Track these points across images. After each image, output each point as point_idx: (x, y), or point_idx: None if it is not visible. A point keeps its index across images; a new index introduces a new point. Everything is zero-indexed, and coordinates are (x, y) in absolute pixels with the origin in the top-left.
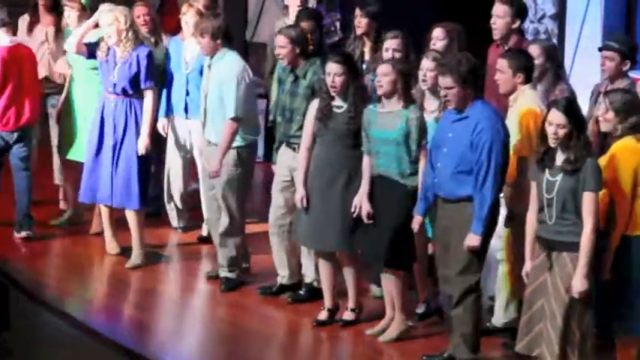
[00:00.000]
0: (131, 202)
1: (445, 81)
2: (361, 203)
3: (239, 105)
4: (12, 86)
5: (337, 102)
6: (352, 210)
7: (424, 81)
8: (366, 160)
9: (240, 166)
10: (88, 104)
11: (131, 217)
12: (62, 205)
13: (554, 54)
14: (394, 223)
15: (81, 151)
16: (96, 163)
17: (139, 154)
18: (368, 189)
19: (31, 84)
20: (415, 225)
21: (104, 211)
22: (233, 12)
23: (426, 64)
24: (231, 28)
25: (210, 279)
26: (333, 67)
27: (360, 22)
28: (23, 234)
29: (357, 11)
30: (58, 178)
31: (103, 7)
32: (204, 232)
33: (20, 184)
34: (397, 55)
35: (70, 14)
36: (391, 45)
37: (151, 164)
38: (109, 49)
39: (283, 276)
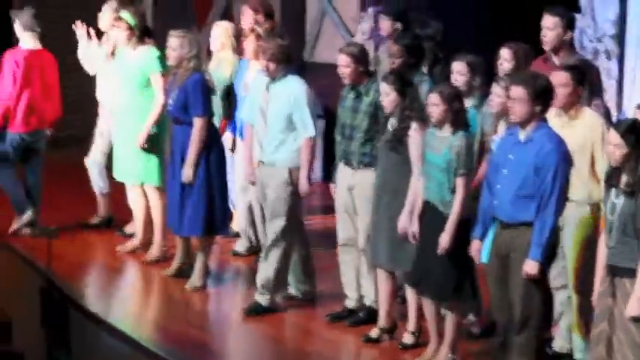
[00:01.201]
0: (194, 229)
1: (516, 91)
2: (405, 223)
3: (314, 123)
4: (34, 89)
5: (391, 120)
6: (399, 228)
7: (492, 105)
8: (414, 181)
9: (290, 184)
10: (137, 127)
11: (195, 241)
12: (101, 211)
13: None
14: (449, 254)
15: (121, 172)
16: (169, 187)
17: (200, 182)
18: (413, 210)
19: (53, 89)
20: (474, 250)
21: (178, 238)
22: (291, 32)
23: (496, 89)
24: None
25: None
26: (383, 87)
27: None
28: (26, 215)
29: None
30: (98, 186)
31: (173, 32)
32: (239, 248)
33: (31, 181)
34: (461, 78)
35: (119, 34)
36: (455, 68)
37: (212, 190)
38: (173, 74)
39: (351, 299)
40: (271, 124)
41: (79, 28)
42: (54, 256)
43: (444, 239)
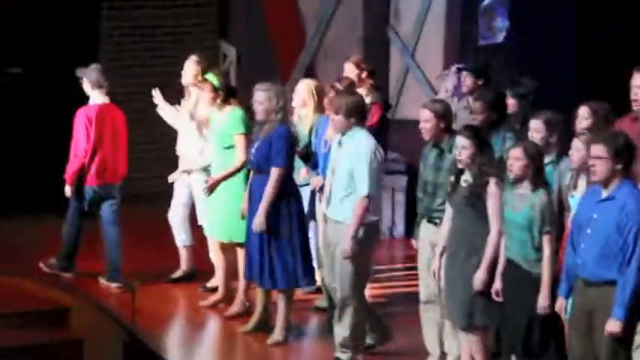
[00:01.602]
0: (277, 282)
1: (596, 149)
2: (482, 278)
3: (372, 183)
4: (107, 143)
5: (465, 175)
6: (475, 284)
7: (573, 161)
8: (493, 237)
9: (357, 244)
10: (225, 185)
11: (280, 295)
12: (184, 265)
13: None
14: (530, 312)
15: (210, 227)
16: (248, 239)
17: (283, 233)
18: (491, 266)
19: (123, 142)
20: (558, 308)
21: (258, 290)
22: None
23: (577, 144)
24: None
25: None
26: (460, 140)
27: (508, 103)
28: (115, 285)
29: (507, 92)
30: (181, 240)
31: (259, 86)
32: (321, 303)
33: (111, 238)
34: (537, 135)
35: (204, 96)
36: (532, 125)
37: (295, 242)
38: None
39: (434, 356)
40: (337, 179)
41: (157, 95)
42: (137, 309)
43: (541, 301)
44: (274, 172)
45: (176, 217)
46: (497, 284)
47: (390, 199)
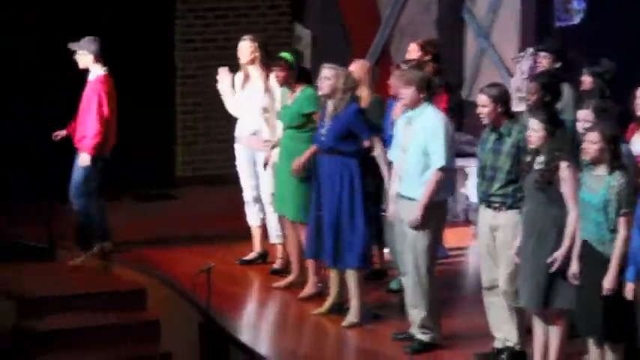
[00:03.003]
0: (351, 260)
1: None
2: (559, 258)
3: (447, 155)
4: (113, 113)
5: (539, 158)
6: (550, 265)
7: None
8: (571, 220)
9: (426, 218)
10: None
11: (350, 275)
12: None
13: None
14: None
15: (285, 206)
16: (318, 221)
17: (361, 211)
18: (569, 248)
19: (114, 114)
20: (628, 293)
21: (332, 272)
22: (449, 71)
23: None
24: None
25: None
26: (531, 122)
27: (585, 80)
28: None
29: (584, 70)
30: (254, 221)
31: (326, 65)
32: (393, 285)
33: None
34: (587, 125)
35: (277, 74)
36: (580, 116)
37: (371, 222)
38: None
39: (499, 340)
40: (410, 156)
41: (223, 72)
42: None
43: (608, 280)
44: (375, 142)
45: (248, 197)
46: (575, 267)
47: (463, 181)
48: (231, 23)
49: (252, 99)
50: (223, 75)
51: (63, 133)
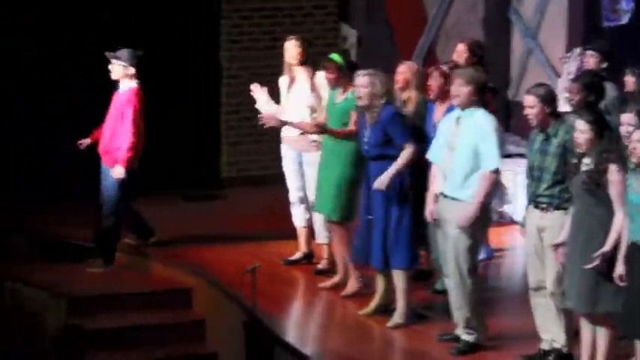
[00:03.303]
0: (398, 261)
1: None
2: (600, 257)
3: (500, 158)
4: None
5: (586, 160)
6: (595, 265)
7: None
8: (617, 222)
9: (473, 222)
10: (335, 160)
11: (398, 275)
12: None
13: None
14: None
15: (323, 204)
16: (367, 225)
17: (408, 213)
18: (612, 249)
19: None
20: None
21: (379, 276)
22: (496, 71)
23: None
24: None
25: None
26: (579, 124)
27: (628, 81)
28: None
29: (627, 70)
30: (300, 221)
31: (360, 72)
32: (438, 285)
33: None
34: (630, 129)
35: (327, 76)
36: (623, 119)
37: (413, 224)
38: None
39: (546, 341)
40: (458, 156)
41: (257, 90)
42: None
43: None
44: (407, 148)
45: (294, 198)
46: (620, 268)
47: (510, 183)
48: (277, 24)
49: (299, 99)
50: (258, 93)
51: (87, 141)
